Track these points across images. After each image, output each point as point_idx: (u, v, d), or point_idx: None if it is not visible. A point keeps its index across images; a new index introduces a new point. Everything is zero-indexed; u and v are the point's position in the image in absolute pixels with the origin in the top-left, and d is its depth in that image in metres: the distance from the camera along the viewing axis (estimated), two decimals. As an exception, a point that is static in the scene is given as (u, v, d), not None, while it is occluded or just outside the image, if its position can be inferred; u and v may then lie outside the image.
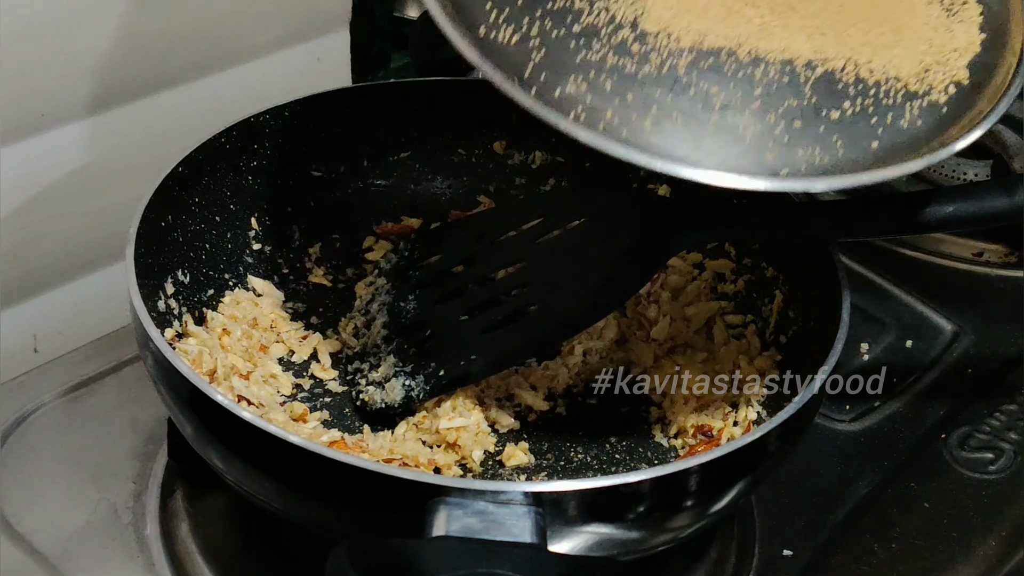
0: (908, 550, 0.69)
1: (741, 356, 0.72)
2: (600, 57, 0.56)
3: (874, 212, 0.65)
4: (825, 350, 0.61)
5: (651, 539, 0.58)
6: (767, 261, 0.74)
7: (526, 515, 0.51)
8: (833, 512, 0.71)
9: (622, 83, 0.55)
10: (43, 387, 0.74)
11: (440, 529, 0.50)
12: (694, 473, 0.54)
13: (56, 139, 0.75)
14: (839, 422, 0.77)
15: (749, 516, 0.70)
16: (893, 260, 0.90)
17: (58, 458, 0.70)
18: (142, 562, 0.65)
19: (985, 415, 0.78)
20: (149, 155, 0.80)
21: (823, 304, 0.65)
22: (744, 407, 0.69)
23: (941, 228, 0.67)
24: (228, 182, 0.73)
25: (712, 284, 0.77)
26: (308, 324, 0.75)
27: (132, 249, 0.62)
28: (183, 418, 0.59)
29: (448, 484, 0.51)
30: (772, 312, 0.72)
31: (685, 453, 0.69)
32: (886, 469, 0.74)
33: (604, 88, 0.55)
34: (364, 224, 0.80)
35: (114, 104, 0.77)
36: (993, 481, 0.73)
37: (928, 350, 0.83)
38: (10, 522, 0.66)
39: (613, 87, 0.55)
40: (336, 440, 0.65)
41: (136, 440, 0.72)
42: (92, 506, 0.68)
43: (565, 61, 0.56)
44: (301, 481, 0.55)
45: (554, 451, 0.69)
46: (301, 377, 0.72)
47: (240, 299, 0.73)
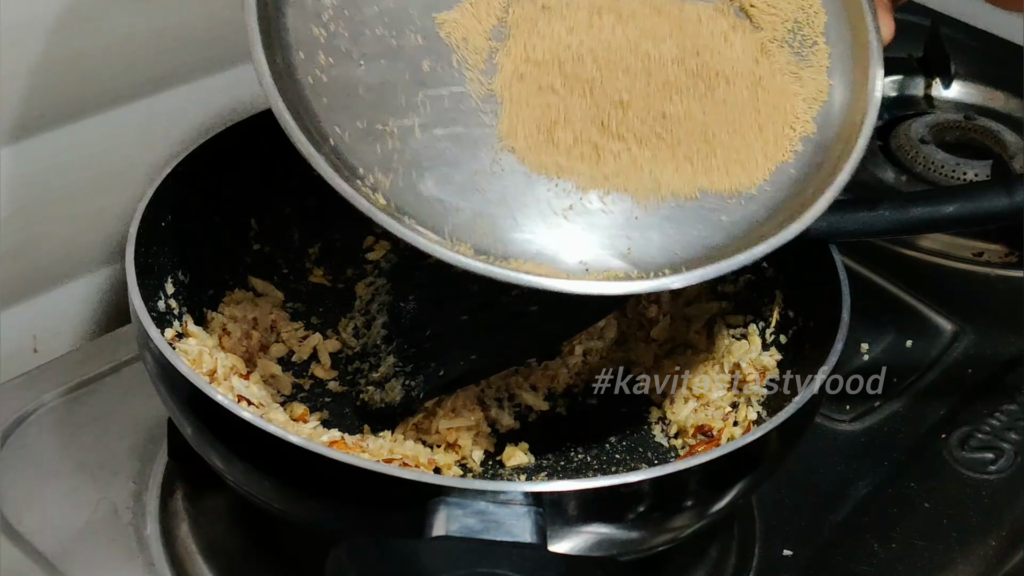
0: (908, 550, 0.69)
1: (741, 356, 0.72)
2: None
3: (874, 212, 0.65)
4: (825, 350, 0.61)
5: (651, 539, 0.58)
6: (767, 261, 0.74)
7: (526, 515, 0.51)
8: (833, 512, 0.71)
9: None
10: (43, 387, 0.74)
11: (440, 529, 0.50)
12: (694, 473, 0.54)
13: (56, 139, 0.75)
14: (839, 422, 0.77)
15: (749, 516, 0.70)
16: (893, 260, 0.90)
17: (58, 458, 0.70)
18: (142, 562, 0.65)
19: (985, 415, 0.78)
20: (149, 155, 0.80)
21: (823, 304, 0.65)
22: (744, 407, 0.69)
23: (941, 228, 0.68)
24: (228, 182, 0.73)
25: (712, 284, 0.77)
26: (308, 324, 0.75)
27: (132, 249, 0.62)
28: (183, 418, 0.59)
29: (448, 484, 0.51)
30: (772, 312, 0.72)
31: (685, 453, 0.69)
32: (886, 469, 0.74)
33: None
34: (364, 224, 0.80)
35: (114, 104, 0.77)
36: (993, 481, 0.73)
37: (928, 350, 0.83)
38: (10, 522, 0.66)
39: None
40: (336, 440, 0.65)
41: (136, 440, 0.72)
42: (92, 506, 0.68)
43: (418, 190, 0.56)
44: (301, 481, 0.55)
45: (554, 451, 0.69)
46: (301, 377, 0.72)
47: (240, 299, 0.73)
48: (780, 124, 0.60)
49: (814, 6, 0.63)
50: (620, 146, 0.58)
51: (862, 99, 0.62)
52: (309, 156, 0.54)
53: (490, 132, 0.57)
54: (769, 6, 0.63)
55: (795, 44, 0.63)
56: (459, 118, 0.57)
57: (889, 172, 1.01)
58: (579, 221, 0.57)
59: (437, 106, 0.57)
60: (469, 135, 0.57)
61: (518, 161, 0.57)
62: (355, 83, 0.57)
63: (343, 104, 0.57)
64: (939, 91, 1.11)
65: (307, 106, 0.56)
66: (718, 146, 0.59)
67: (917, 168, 1.00)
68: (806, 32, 0.63)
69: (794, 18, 0.63)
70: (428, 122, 0.57)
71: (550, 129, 0.58)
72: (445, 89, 0.58)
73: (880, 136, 1.05)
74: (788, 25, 0.63)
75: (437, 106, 0.57)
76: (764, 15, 0.63)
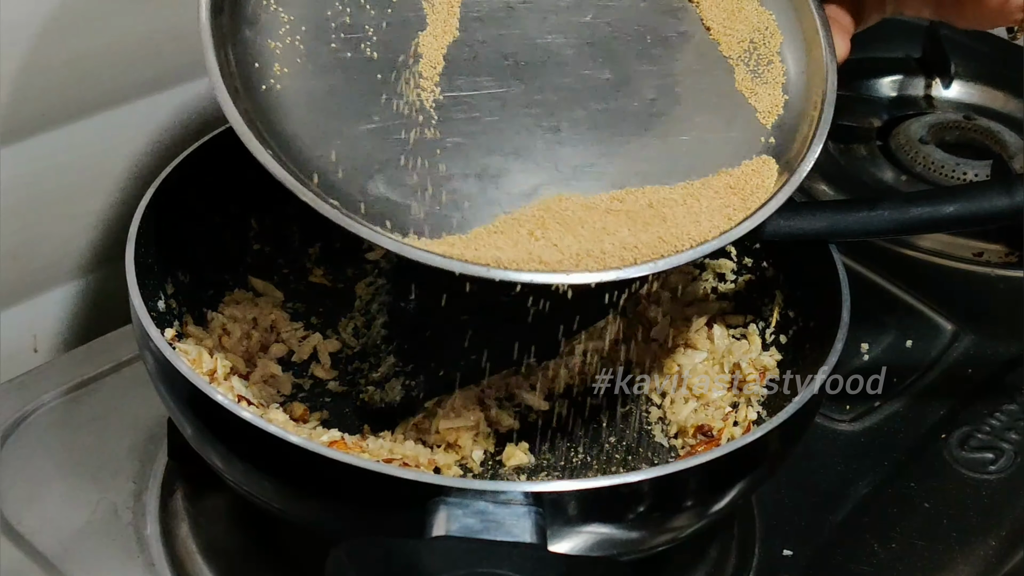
0: (908, 550, 0.69)
1: (741, 356, 0.72)
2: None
3: (874, 212, 0.65)
4: (825, 350, 0.61)
5: (651, 539, 0.58)
6: (767, 261, 0.74)
7: (526, 515, 0.51)
8: (833, 512, 0.71)
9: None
10: (43, 387, 0.74)
11: (440, 529, 0.50)
12: (694, 473, 0.54)
13: (56, 139, 0.75)
14: (839, 422, 0.77)
15: (749, 516, 0.70)
16: (893, 260, 0.90)
17: (58, 458, 0.70)
18: (142, 562, 0.65)
19: (985, 415, 0.78)
20: (149, 155, 0.80)
21: (823, 304, 0.65)
22: (744, 407, 0.69)
23: (941, 228, 0.68)
24: (228, 182, 0.73)
25: (712, 284, 0.77)
26: (308, 324, 0.75)
27: (132, 249, 0.62)
28: (183, 418, 0.59)
29: (448, 484, 0.51)
30: (772, 312, 0.72)
31: (685, 453, 0.69)
32: (886, 469, 0.74)
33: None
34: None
35: (114, 104, 0.77)
36: (993, 481, 0.73)
37: (928, 350, 0.83)
38: (10, 522, 0.66)
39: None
40: (336, 440, 0.65)
41: (136, 440, 0.72)
42: (92, 506, 0.68)
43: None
44: (301, 481, 0.55)
45: (554, 451, 0.69)
46: (301, 377, 0.72)
47: (240, 299, 0.73)
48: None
49: (770, 28, 0.66)
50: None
51: (814, 113, 0.64)
52: (254, 150, 0.56)
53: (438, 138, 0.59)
54: (726, 28, 0.65)
55: (751, 63, 0.65)
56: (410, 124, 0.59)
57: (889, 172, 1.01)
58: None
59: (388, 112, 0.59)
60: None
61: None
62: (310, 92, 0.59)
63: (299, 111, 0.58)
64: (939, 91, 1.11)
65: (263, 113, 0.58)
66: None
67: (917, 168, 1.00)
68: (762, 52, 0.65)
69: (750, 39, 0.65)
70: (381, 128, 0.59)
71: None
72: (397, 99, 0.59)
73: (880, 136, 1.05)
74: (744, 45, 0.65)
75: (388, 112, 0.59)
76: (722, 36, 0.65)
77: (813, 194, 0.98)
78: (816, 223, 0.66)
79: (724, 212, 0.59)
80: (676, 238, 0.58)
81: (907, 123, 1.05)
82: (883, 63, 1.12)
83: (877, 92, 1.11)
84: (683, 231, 0.58)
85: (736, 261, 0.76)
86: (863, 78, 1.11)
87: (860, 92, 1.10)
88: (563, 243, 0.57)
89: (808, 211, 0.67)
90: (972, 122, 1.05)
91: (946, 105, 1.10)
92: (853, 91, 1.09)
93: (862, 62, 1.12)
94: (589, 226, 0.58)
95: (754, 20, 0.66)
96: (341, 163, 0.57)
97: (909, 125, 1.05)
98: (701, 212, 0.59)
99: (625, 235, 0.57)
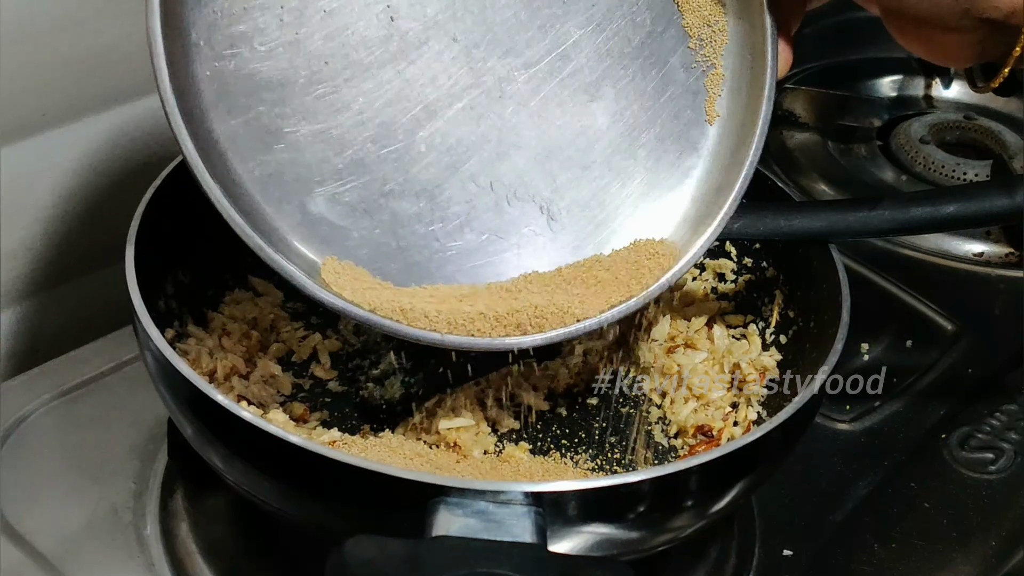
0: (908, 550, 0.69)
1: (741, 356, 0.72)
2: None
3: (874, 212, 0.65)
4: (825, 350, 0.61)
5: (651, 539, 0.58)
6: (767, 261, 0.74)
7: (526, 515, 0.50)
8: (833, 512, 0.71)
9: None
10: (43, 387, 0.74)
11: (440, 529, 0.50)
12: (694, 473, 0.54)
13: (56, 139, 0.75)
14: (839, 422, 0.77)
15: (749, 516, 0.70)
16: (893, 260, 0.90)
17: (58, 458, 0.70)
18: (142, 562, 0.65)
19: (985, 415, 0.78)
20: (148, 155, 0.80)
21: (823, 304, 0.65)
22: (744, 407, 0.69)
23: (941, 228, 0.68)
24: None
25: (712, 284, 0.77)
26: (308, 324, 0.75)
27: (132, 249, 0.62)
28: (183, 418, 0.59)
29: (448, 484, 0.51)
30: (772, 312, 0.72)
31: (685, 453, 0.69)
32: (886, 469, 0.74)
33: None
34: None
35: (113, 104, 0.77)
36: (993, 481, 0.73)
37: (928, 350, 0.83)
38: (10, 522, 0.66)
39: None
40: (336, 440, 0.65)
41: (136, 440, 0.72)
42: (92, 506, 0.68)
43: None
44: (301, 481, 0.55)
45: (554, 451, 0.69)
46: (301, 377, 0.72)
47: (240, 299, 0.73)
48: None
49: (720, 23, 0.64)
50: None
51: (752, 127, 0.63)
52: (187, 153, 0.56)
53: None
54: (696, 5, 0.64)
55: (699, 59, 0.64)
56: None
57: (889, 172, 1.01)
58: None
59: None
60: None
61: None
62: (254, 83, 0.58)
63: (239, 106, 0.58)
64: (939, 91, 1.11)
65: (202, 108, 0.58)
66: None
67: (917, 168, 1.00)
68: (707, 52, 0.64)
69: (698, 36, 0.64)
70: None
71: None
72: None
73: (880, 136, 1.05)
74: (701, 32, 0.64)
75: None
76: (689, 12, 0.64)
77: (813, 194, 0.98)
78: (816, 223, 0.66)
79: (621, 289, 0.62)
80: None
81: (907, 123, 1.05)
82: (883, 63, 1.12)
83: (877, 92, 1.11)
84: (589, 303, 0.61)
85: (736, 261, 0.76)
86: (863, 78, 1.11)
87: (860, 92, 1.10)
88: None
89: (808, 211, 0.67)
90: (972, 122, 1.05)
91: (946, 105, 1.10)
92: (853, 91, 1.09)
93: (862, 62, 1.13)
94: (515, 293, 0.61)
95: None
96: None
97: (909, 125, 1.05)
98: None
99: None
